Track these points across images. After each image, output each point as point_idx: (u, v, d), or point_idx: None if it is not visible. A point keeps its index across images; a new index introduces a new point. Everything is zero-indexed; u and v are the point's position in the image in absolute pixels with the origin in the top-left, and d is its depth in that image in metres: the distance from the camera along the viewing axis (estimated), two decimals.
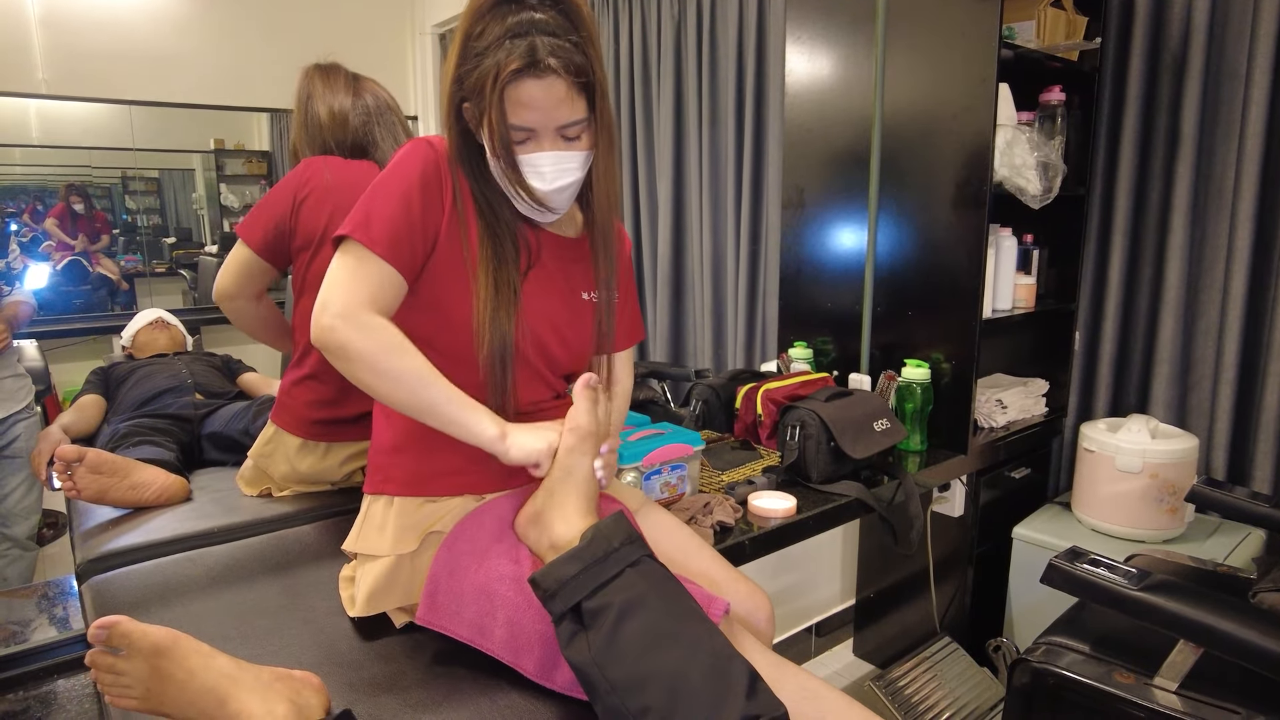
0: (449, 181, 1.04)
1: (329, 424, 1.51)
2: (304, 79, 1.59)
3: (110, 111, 3.43)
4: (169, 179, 3.84)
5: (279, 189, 1.51)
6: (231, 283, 1.53)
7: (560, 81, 0.95)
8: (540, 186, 1.02)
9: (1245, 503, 1.55)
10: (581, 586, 0.87)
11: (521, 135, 0.99)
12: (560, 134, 1.00)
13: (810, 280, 2.18)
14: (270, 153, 3.96)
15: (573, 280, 1.14)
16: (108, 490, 1.42)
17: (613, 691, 0.81)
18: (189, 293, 3.88)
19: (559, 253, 1.13)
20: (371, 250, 0.98)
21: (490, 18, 0.95)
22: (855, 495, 1.61)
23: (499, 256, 1.04)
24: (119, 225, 3.68)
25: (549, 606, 0.88)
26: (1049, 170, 1.86)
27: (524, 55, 0.93)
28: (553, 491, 1.00)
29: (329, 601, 1.18)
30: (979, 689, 1.94)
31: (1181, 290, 1.94)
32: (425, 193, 1.02)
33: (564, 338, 1.13)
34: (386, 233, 0.99)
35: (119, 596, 1.19)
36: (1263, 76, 1.74)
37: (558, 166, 1.01)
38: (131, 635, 0.79)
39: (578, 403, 1.02)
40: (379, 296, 0.99)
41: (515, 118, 0.97)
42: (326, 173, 1.51)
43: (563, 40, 0.95)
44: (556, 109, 0.97)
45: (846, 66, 2.01)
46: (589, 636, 0.85)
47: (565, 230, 1.16)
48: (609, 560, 0.89)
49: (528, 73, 0.94)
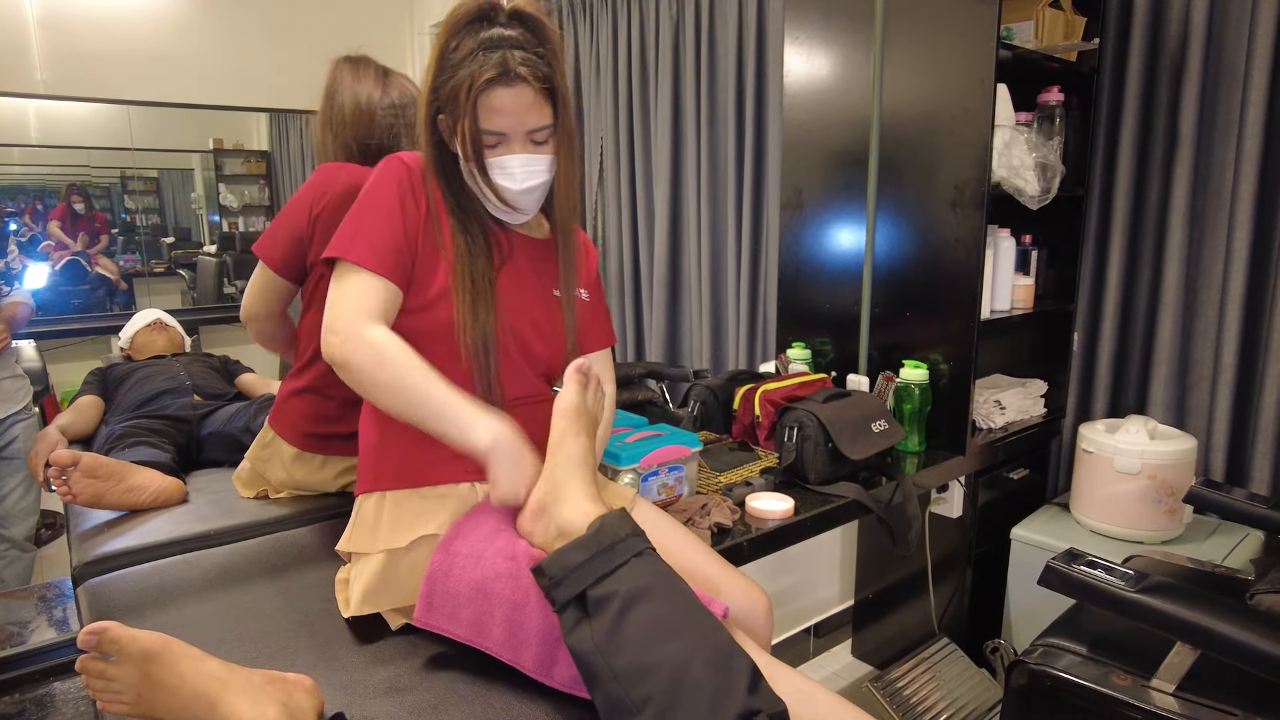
0: (423, 191, 1.12)
1: (326, 438, 1.50)
2: (332, 70, 1.54)
3: (109, 111, 3.43)
4: (168, 179, 3.84)
5: (295, 203, 1.47)
6: (257, 303, 1.51)
7: (529, 89, 1.04)
8: (510, 186, 1.09)
9: (1243, 504, 1.55)
10: (587, 574, 0.88)
11: (493, 140, 1.07)
12: (529, 138, 1.08)
13: (809, 281, 2.18)
14: (269, 153, 3.96)
15: (545, 278, 1.22)
16: (104, 494, 1.42)
17: (615, 680, 0.82)
18: (188, 293, 3.88)
19: (530, 252, 1.21)
20: (363, 266, 1.06)
21: (465, 33, 1.05)
22: (853, 496, 1.60)
23: (473, 254, 1.11)
24: (118, 225, 3.68)
25: (553, 594, 0.89)
26: (1047, 171, 1.86)
27: (496, 65, 1.02)
28: (554, 479, 1.01)
29: (325, 604, 1.18)
30: (977, 690, 1.94)
31: (1180, 291, 1.94)
32: (404, 206, 1.10)
33: (541, 332, 1.19)
34: (375, 249, 1.07)
35: (115, 599, 1.19)
36: (1261, 77, 1.74)
37: (526, 168, 1.09)
38: (121, 641, 0.79)
39: (566, 385, 1.07)
40: (376, 308, 1.06)
41: (488, 123, 1.05)
42: (342, 183, 1.44)
43: (530, 53, 1.04)
44: (526, 114, 1.06)
45: (845, 67, 2.01)
46: (592, 625, 0.85)
47: (534, 232, 1.23)
48: (615, 550, 0.90)
49: (499, 81, 1.03)
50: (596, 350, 1.31)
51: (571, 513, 0.97)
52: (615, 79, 3.06)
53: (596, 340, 1.30)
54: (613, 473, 1.43)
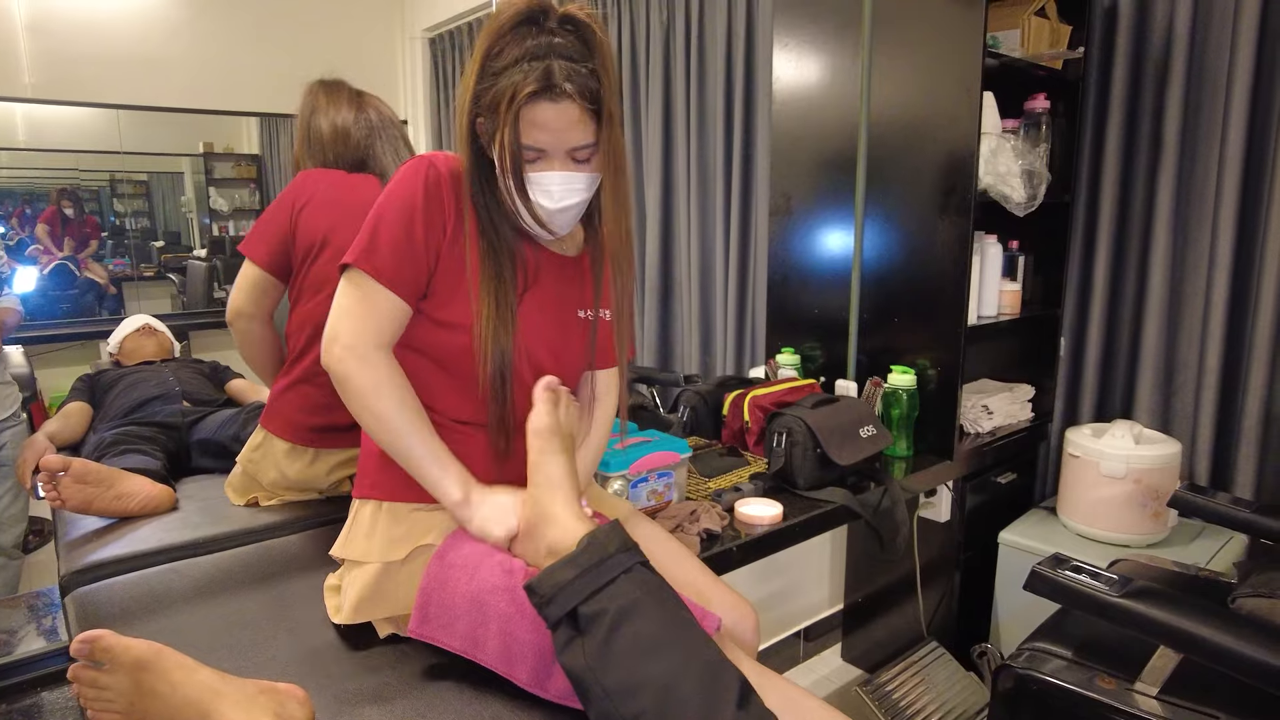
0: (450, 199, 1.07)
1: (319, 430, 1.51)
2: (308, 94, 1.60)
3: (98, 115, 3.42)
4: (158, 182, 3.83)
5: (277, 204, 1.53)
6: (246, 300, 1.53)
7: (574, 105, 0.98)
8: (547, 205, 1.04)
9: (1226, 508, 1.56)
10: (577, 592, 0.88)
11: (533, 155, 1.02)
12: (570, 156, 1.03)
13: (798, 287, 2.19)
14: (260, 156, 3.95)
15: (568, 298, 1.17)
16: (93, 500, 1.42)
17: (606, 697, 0.82)
18: (177, 297, 3.87)
19: (557, 271, 1.16)
20: (377, 280, 1.03)
21: (510, 38, 0.98)
22: (841, 502, 1.61)
23: (499, 276, 1.07)
24: (107, 229, 3.66)
25: (545, 612, 0.89)
26: (1033, 178, 1.88)
27: (540, 78, 0.96)
28: (537, 501, 1.01)
29: (315, 612, 1.18)
30: (965, 694, 1.95)
31: (1165, 296, 1.96)
32: (428, 214, 1.05)
33: (557, 356, 1.16)
34: (391, 261, 1.03)
35: (103, 608, 1.19)
36: (1242, 85, 1.76)
37: (565, 187, 1.04)
38: (114, 649, 0.79)
39: (536, 405, 1.04)
40: (384, 328, 1.05)
41: (528, 138, 1.00)
42: (324, 183, 1.53)
43: (579, 65, 0.98)
44: (568, 131, 1.00)
45: (833, 74, 2.02)
46: (584, 643, 0.85)
47: (566, 249, 1.18)
48: (604, 566, 0.89)
49: (543, 95, 0.97)
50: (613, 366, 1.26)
51: (558, 533, 0.97)
52: None
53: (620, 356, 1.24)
54: (602, 479, 1.44)
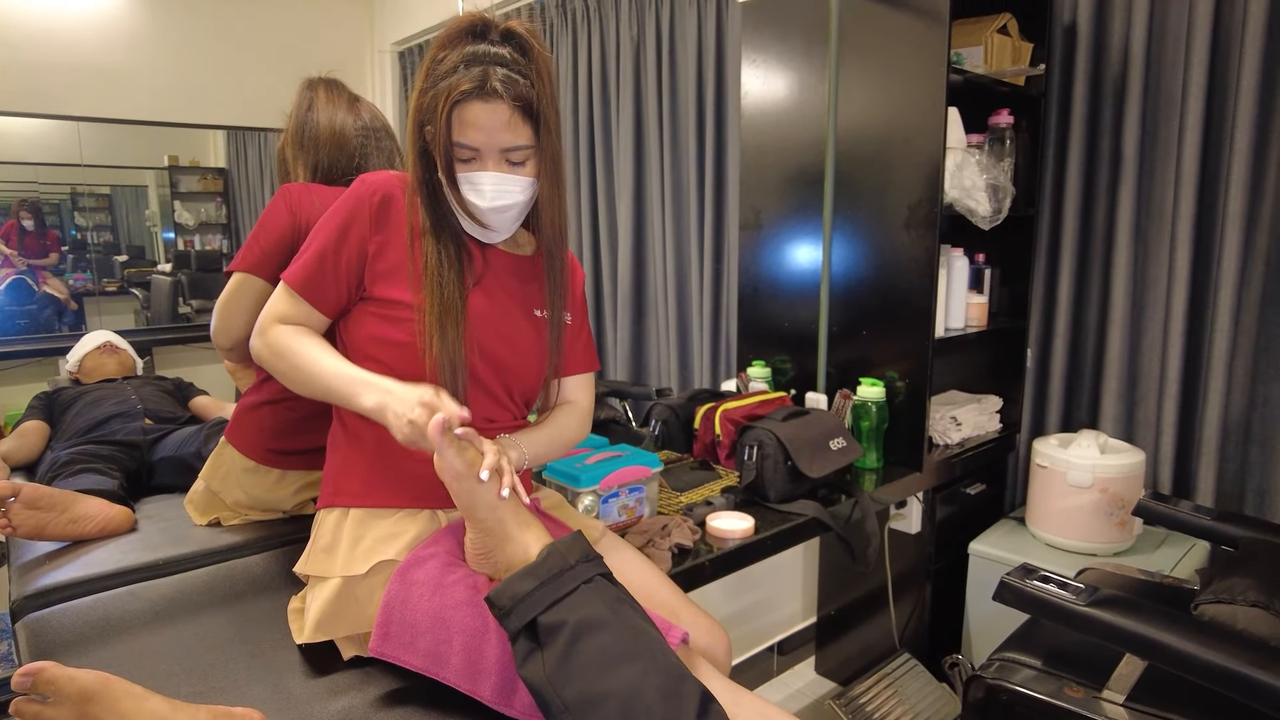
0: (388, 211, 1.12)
1: (284, 453, 1.48)
2: (305, 89, 1.53)
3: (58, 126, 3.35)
4: (121, 195, 3.76)
5: (272, 218, 1.41)
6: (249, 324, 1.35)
7: (504, 106, 1.03)
8: (479, 203, 1.08)
9: (1189, 516, 1.59)
10: (537, 603, 0.87)
11: (467, 154, 1.06)
12: (504, 157, 1.07)
13: (768, 300, 2.20)
14: (227, 170, 3.90)
15: (524, 297, 1.19)
16: (45, 525, 1.36)
17: (565, 711, 0.82)
18: (141, 312, 3.79)
19: (511, 268, 1.19)
20: (290, 286, 1.13)
21: (453, 47, 1.05)
22: (813, 514, 1.62)
23: (443, 267, 1.10)
24: (68, 242, 3.58)
25: (505, 624, 0.89)
26: (998, 192, 1.91)
27: (475, 80, 1.02)
28: (485, 532, 0.99)
29: (278, 634, 1.15)
30: (938, 704, 1.95)
31: (1127, 306, 1.99)
32: (353, 229, 1.11)
33: (515, 350, 1.16)
34: (303, 274, 1.12)
35: (56, 634, 1.15)
36: (1196, 103, 1.81)
37: (497, 187, 1.07)
38: (58, 681, 0.76)
39: (440, 452, 0.95)
40: (290, 317, 1.13)
41: (461, 136, 1.04)
42: (316, 199, 1.42)
43: (513, 72, 1.03)
44: (500, 132, 1.04)
45: (801, 89, 2.04)
46: (544, 655, 0.85)
47: (518, 249, 1.21)
48: (564, 576, 0.89)
49: (475, 95, 1.02)
50: (578, 374, 1.29)
51: (514, 549, 0.96)
52: (576, 98, 3.07)
53: (578, 364, 1.29)
54: (572, 495, 1.42)
